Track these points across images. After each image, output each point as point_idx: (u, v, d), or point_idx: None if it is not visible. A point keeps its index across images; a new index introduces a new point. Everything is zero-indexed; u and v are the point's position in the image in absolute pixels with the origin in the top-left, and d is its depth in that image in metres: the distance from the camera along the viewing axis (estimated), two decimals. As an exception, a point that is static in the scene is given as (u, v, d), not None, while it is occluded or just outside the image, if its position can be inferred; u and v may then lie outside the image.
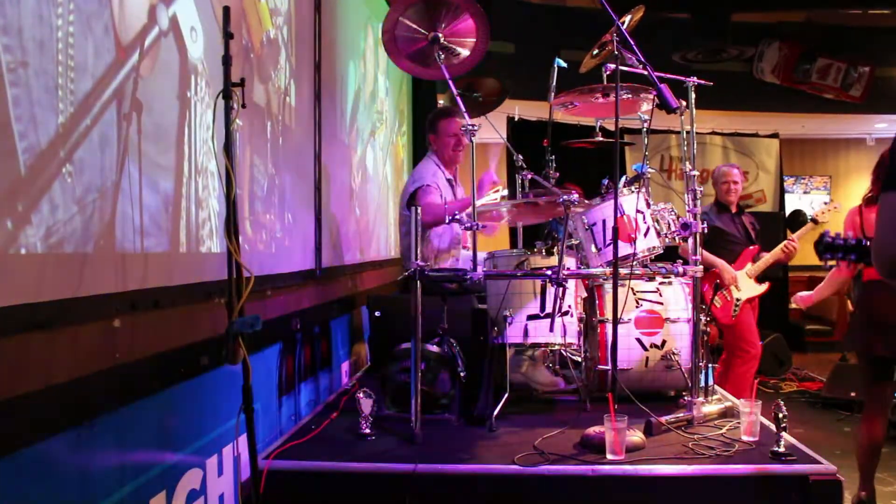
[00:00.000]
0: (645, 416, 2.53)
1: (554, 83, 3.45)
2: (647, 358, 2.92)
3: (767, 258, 4.53)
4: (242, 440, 1.85)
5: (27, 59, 1.38)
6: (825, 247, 1.82)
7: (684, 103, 2.65)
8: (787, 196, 10.28)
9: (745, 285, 4.52)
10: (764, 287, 4.57)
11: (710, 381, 3.00)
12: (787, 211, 7.87)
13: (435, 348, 2.79)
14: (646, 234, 2.80)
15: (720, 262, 4.49)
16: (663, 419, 2.55)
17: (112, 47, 1.68)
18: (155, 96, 1.89)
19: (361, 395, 2.49)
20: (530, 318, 2.73)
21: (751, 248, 4.61)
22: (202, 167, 2.15)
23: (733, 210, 4.69)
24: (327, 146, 3.58)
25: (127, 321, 1.68)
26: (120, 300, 1.67)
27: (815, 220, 4.49)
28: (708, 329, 2.96)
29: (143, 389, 1.77)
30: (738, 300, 4.48)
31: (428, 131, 3.65)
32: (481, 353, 2.77)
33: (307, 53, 3.34)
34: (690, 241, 2.72)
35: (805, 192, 10.53)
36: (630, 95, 2.72)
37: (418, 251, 2.53)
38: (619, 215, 2.52)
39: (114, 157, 1.68)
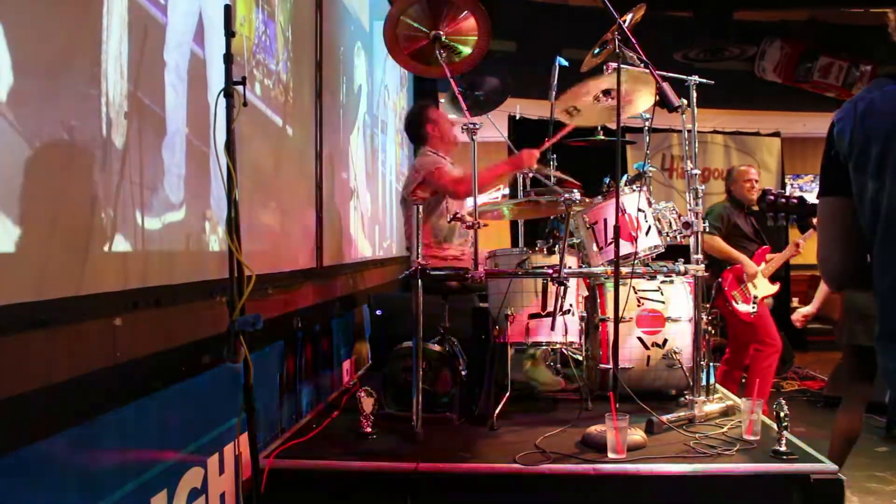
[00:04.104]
0: (646, 415, 2.53)
1: (556, 81, 3.45)
2: (649, 357, 2.92)
3: (779, 258, 4.64)
4: (244, 439, 1.85)
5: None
6: (767, 205, 1.83)
7: (686, 102, 2.65)
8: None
9: (761, 284, 4.61)
10: (777, 286, 4.67)
11: (712, 380, 3.00)
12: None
13: (436, 347, 2.79)
14: (647, 233, 2.80)
15: (744, 258, 4.55)
16: (665, 418, 2.55)
17: (121, 52, 1.68)
18: (156, 93, 1.89)
19: (363, 393, 2.49)
20: (532, 316, 2.73)
21: (764, 247, 4.68)
22: (204, 165, 2.15)
23: (746, 209, 4.74)
24: (328, 144, 3.58)
25: (128, 319, 1.68)
26: (121, 298, 1.67)
27: (814, 228, 4.55)
28: (710, 328, 2.96)
29: (144, 388, 1.77)
30: (755, 297, 4.54)
31: (425, 123, 3.55)
32: (482, 352, 2.77)
33: (308, 51, 3.34)
34: (692, 239, 2.71)
35: None
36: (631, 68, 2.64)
37: (419, 249, 2.53)
38: (620, 214, 2.51)
39: (118, 156, 1.68)
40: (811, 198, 1.90)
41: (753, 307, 4.52)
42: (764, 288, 4.60)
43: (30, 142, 1.38)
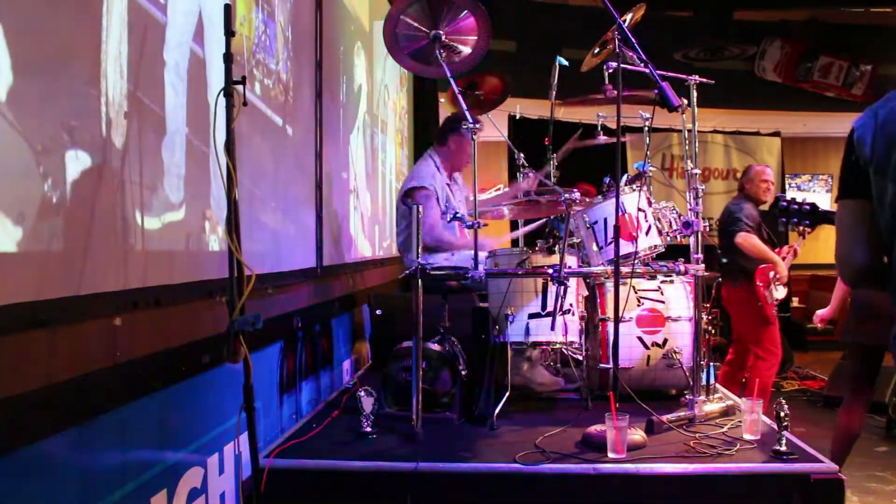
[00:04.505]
0: (646, 415, 2.53)
1: (555, 81, 3.46)
2: (649, 356, 2.92)
3: (788, 262, 4.59)
4: (243, 438, 1.85)
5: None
6: (781, 210, 1.88)
7: (686, 102, 2.65)
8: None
9: (779, 287, 4.54)
10: (786, 291, 4.62)
11: (712, 380, 2.99)
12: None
13: (436, 346, 2.79)
14: (647, 233, 2.80)
15: (778, 259, 4.46)
16: (665, 418, 2.55)
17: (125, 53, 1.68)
18: (156, 93, 1.89)
19: (363, 393, 2.49)
20: (531, 316, 2.73)
21: (776, 249, 4.58)
22: (204, 164, 2.15)
23: (758, 209, 4.65)
24: (328, 144, 3.58)
25: (128, 319, 1.68)
26: (121, 298, 1.67)
27: (802, 235, 4.55)
28: (709, 328, 2.95)
29: (144, 388, 1.77)
30: (777, 300, 4.49)
31: (451, 130, 3.52)
32: (482, 352, 2.77)
33: (308, 51, 3.34)
34: (692, 239, 2.71)
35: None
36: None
37: (419, 248, 2.53)
38: (620, 214, 2.51)
39: (117, 156, 1.68)
40: (812, 197, 1.93)
41: (776, 311, 4.48)
42: (781, 290, 4.55)
43: (30, 142, 1.38)
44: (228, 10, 1.75)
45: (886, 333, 3.51)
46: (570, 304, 2.77)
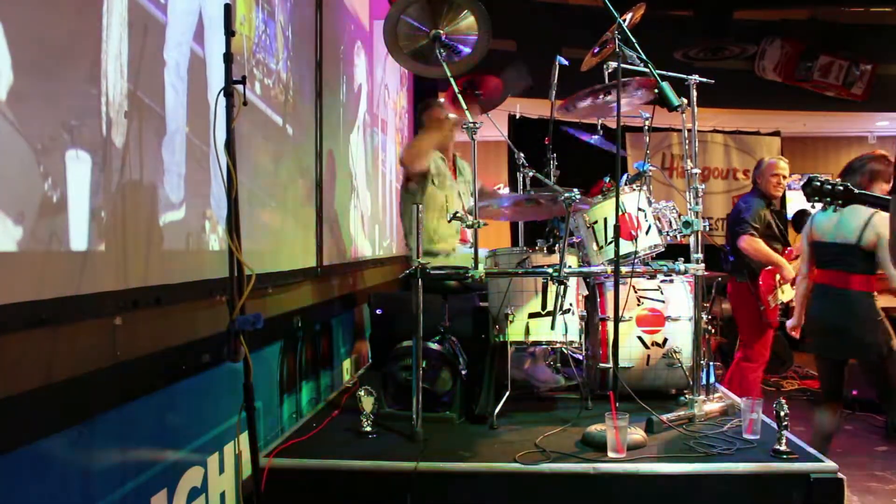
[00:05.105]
0: (646, 414, 2.53)
1: (556, 81, 3.46)
2: (649, 356, 2.92)
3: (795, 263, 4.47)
4: (244, 438, 1.85)
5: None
6: (813, 190, 1.89)
7: (686, 101, 2.65)
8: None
9: (786, 288, 4.37)
10: (793, 292, 4.52)
11: (712, 379, 2.99)
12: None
13: (436, 346, 2.79)
14: (647, 232, 2.80)
15: (782, 261, 4.28)
16: (665, 417, 2.55)
17: (124, 53, 1.68)
18: (156, 92, 1.89)
19: (363, 392, 2.49)
20: (531, 316, 2.73)
21: (788, 248, 4.44)
22: (204, 164, 2.15)
23: (770, 205, 4.44)
24: (328, 143, 3.58)
25: (128, 319, 1.68)
26: (121, 297, 1.67)
27: None
28: (709, 327, 2.96)
29: (145, 387, 1.77)
30: (782, 303, 4.34)
31: (417, 117, 3.76)
32: (482, 351, 2.77)
33: (308, 51, 3.34)
34: (692, 239, 2.71)
35: None
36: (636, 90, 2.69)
37: (419, 248, 2.53)
38: (620, 213, 2.51)
39: (118, 155, 1.68)
40: (800, 196, 1.95)
41: (780, 314, 4.39)
42: (788, 292, 4.38)
43: (30, 141, 1.38)
44: (228, 10, 1.75)
45: (837, 347, 3.57)
46: (570, 304, 2.77)
